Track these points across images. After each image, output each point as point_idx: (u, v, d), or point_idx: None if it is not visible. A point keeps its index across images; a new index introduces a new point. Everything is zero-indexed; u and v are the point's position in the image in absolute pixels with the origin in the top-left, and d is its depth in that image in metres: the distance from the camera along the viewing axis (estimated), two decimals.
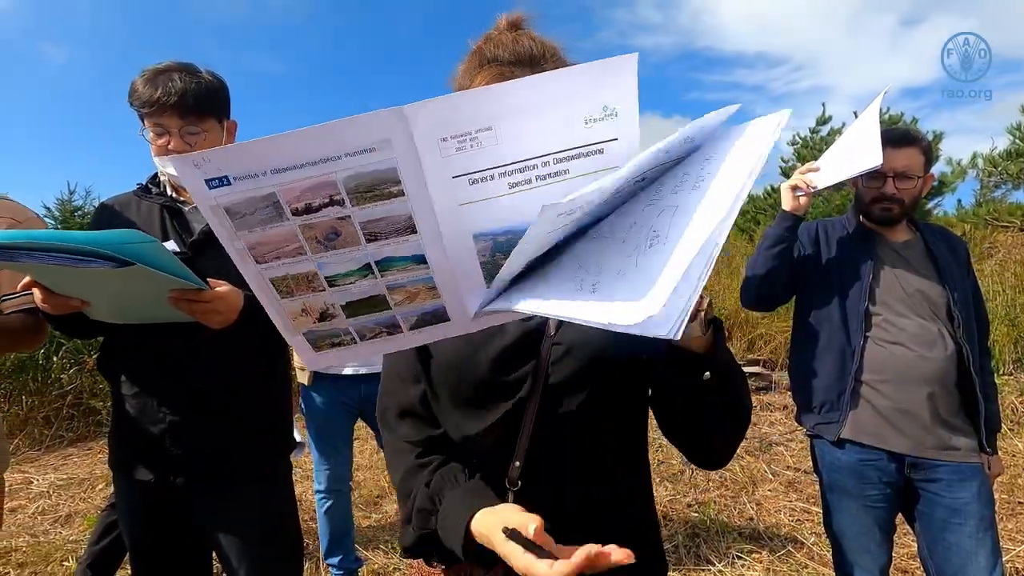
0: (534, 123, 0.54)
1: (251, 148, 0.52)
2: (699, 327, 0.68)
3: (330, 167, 0.53)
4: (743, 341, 6.03)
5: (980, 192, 9.09)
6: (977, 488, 1.48)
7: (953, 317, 1.53)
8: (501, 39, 0.79)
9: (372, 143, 0.52)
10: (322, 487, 2.33)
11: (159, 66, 1.32)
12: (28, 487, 3.61)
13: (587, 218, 0.59)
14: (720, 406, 0.75)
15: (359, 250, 0.59)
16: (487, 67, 0.78)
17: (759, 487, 3.39)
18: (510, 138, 0.55)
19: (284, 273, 0.61)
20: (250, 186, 0.54)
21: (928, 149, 1.64)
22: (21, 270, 1.04)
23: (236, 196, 0.55)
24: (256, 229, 0.57)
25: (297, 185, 0.54)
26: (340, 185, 0.54)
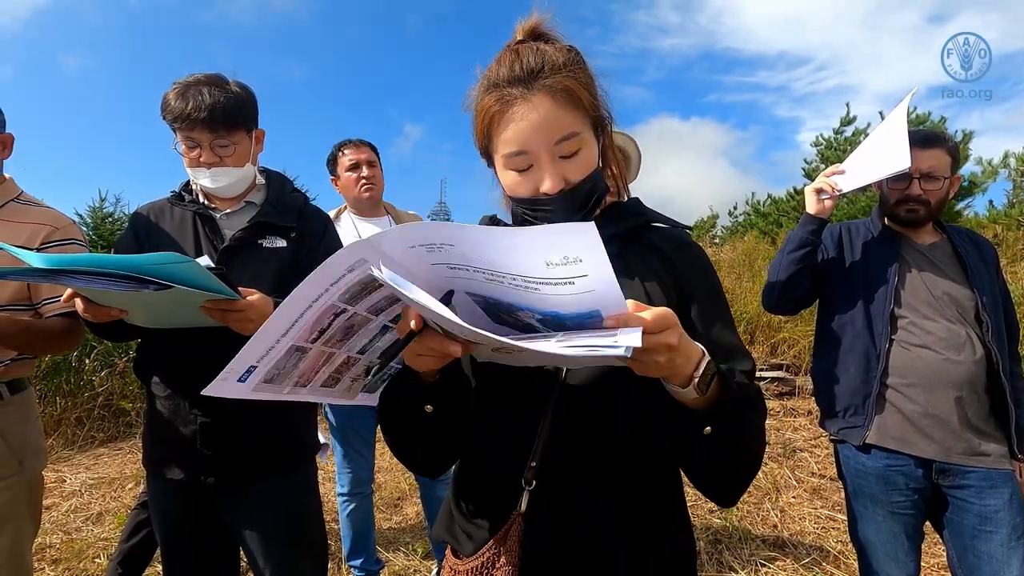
0: (494, 255, 0.56)
1: (259, 339, 0.63)
2: (693, 390, 0.64)
3: (323, 300, 0.62)
4: (766, 345, 5.94)
5: (1012, 192, 8.83)
6: (1009, 495, 1.44)
7: (982, 320, 1.49)
8: (503, 58, 0.80)
9: (349, 266, 0.60)
10: (345, 490, 2.36)
11: (189, 79, 1.36)
12: (61, 486, 3.72)
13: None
14: (722, 456, 0.72)
15: (373, 322, 0.69)
16: (490, 92, 0.79)
17: (783, 494, 3.33)
18: (475, 256, 0.58)
19: (327, 375, 0.72)
20: (271, 357, 0.65)
21: (955, 150, 1.61)
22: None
23: (265, 370, 0.67)
24: (291, 372, 0.69)
25: (305, 328, 0.64)
26: (337, 303, 0.64)
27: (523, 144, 0.77)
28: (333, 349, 0.69)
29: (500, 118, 0.78)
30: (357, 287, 0.62)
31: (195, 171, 1.40)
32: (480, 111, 0.81)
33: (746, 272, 7.44)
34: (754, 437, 0.74)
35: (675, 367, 0.61)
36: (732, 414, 0.69)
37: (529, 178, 0.79)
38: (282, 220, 1.44)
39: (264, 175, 1.54)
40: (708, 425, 0.67)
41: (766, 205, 11.74)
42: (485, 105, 0.79)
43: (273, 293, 1.29)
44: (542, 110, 0.76)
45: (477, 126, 0.83)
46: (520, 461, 0.77)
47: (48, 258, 0.95)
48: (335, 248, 1.53)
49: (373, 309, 0.67)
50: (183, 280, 0.98)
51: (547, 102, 0.76)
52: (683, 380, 0.63)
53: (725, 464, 0.74)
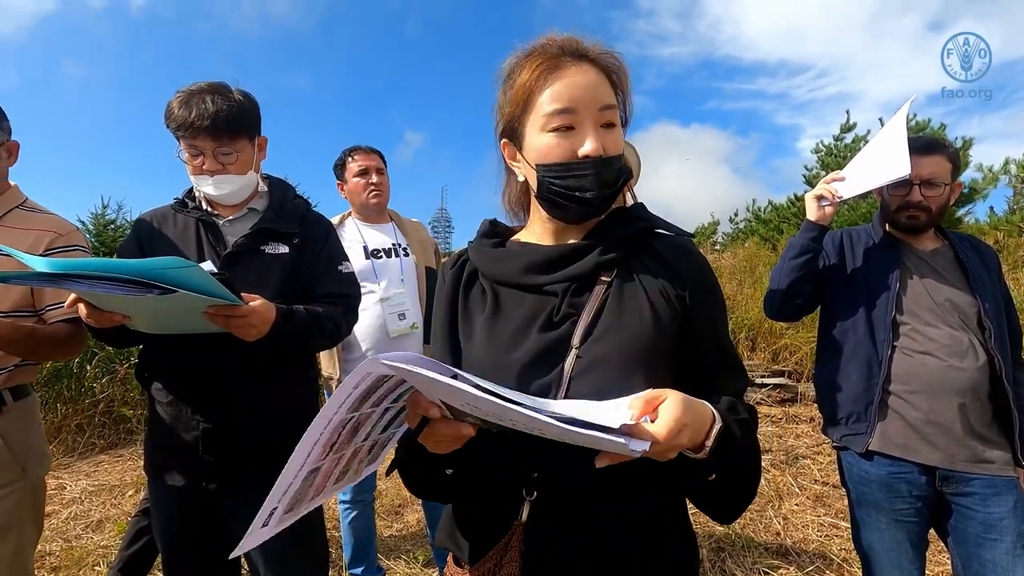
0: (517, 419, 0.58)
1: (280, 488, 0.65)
2: (704, 455, 0.66)
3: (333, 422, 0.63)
4: (767, 352, 5.93)
5: (1013, 199, 8.85)
6: (1013, 502, 1.43)
7: (984, 327, 1.49)
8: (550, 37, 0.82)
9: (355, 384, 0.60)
10: (347, 497, 2.35)
11: (192, 87, 1.37)
12: (61, 493, 3.71)
13: None
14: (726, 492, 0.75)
15: (376, 412, 0.69)
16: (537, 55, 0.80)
17: (785, 501, 3.32)
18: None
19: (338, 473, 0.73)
20: (291, 492, 0.67)
21: (955, 156, 1.61)
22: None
23: (284, 504, 0.68)
24: (308, 491, 0.70)
25: (317, 451, 0.65)
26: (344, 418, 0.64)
27: (571, 100, 0.78)
28: (343, 452, 0.69)
29: (549, 76, 0.79)
30: (362, 394, 0.63)
31: (198, 179, 1.41)
32: (522, 76, 0.81)
33: (747, 278, 7.44)
34: (754, 467, 0.77)
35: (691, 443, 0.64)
36: (737, 461, 0.71)
37: (568, 140, 0.79)
38: (284, 226, 1.45)
39: (267, 182, 1.55)
40: (713, 473, 0.70)
41: (767, 212, 11.77)
42: (530, 68, 0.80)
43: (276, 299, 1.29)
44: (591, 76, 0.79)
45: (514, 93, 0.82)
46: (522, 471, 0.77)
47: (52, 262, 0.95)
48: (337, 254, 1.54)
49: (376, 402, 0.67)
50: (187, 285, 0.99)
51: (595, 71, 0.79)
52: (695, 448, 0.66)
53: (728, 497, 0.77)
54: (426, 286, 2.35)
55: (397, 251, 2.35)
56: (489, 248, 0.90)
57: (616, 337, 0.77)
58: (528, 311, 0.82)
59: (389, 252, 2.33)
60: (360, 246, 2.29)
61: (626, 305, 0.79)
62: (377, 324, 2.22)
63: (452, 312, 0.89)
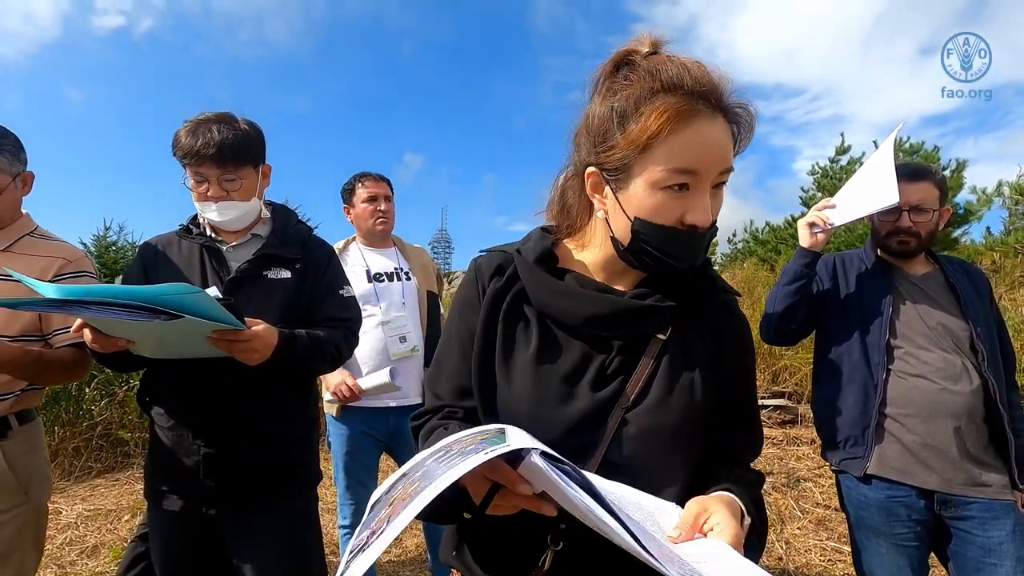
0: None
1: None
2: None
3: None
4: (767, 373, 5.92)
5: (1009, 220, 8.92)
6: (1012, 526, 1.43)
7: (977, 350, 1.51)
8: (683, 64, 0.69)
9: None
10: (346, 522, 2.34)
11: (200, 117, 1.41)
12: (57, 517, 3.67)
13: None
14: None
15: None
16: (671, 93, 0.68)
17: (788, 525, 3.29)
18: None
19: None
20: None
21: (942, 183, 1.65)
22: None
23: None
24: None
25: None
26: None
27: (698, 162, 0.69)
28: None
29: (679, 128, 0.68)
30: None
31: (203, 205, 1.44)
32: (655, 114, 0.68)
33: (746, 299, 7.46)
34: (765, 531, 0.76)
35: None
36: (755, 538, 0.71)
37: (679, 203, 0.70)
38: (287, 252, 1.48)
39: (270, 208, 1.58)
40: None
41: (764, 233, 11.84)
42: (658, 108, 0.68)
43: (278, 323, 1.31)
44: (723, 134, 0.70)
45: (636, 132, 0.70)
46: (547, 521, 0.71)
47: (61, 288, 0.97)
48: (338, 278, 1.57)
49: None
50: (193, 310, 1.01)
51: (727, 129, 0.70)
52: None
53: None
54: (427, 310, 2.37)
55: (399, 275, 2.38)
56: (546, 275, 0.81)
57: (665, 414, 0.75)
58: (578, 359, 0.78)
59: (391, 276, 2.36)
60: (363, 270, 2.32)
61: (678, 374, 0.77)
62: (378, 347, 2.24)
63: (490, 331, 0.81)
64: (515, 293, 0.82)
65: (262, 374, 1.27)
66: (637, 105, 0.70)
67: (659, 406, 0.75)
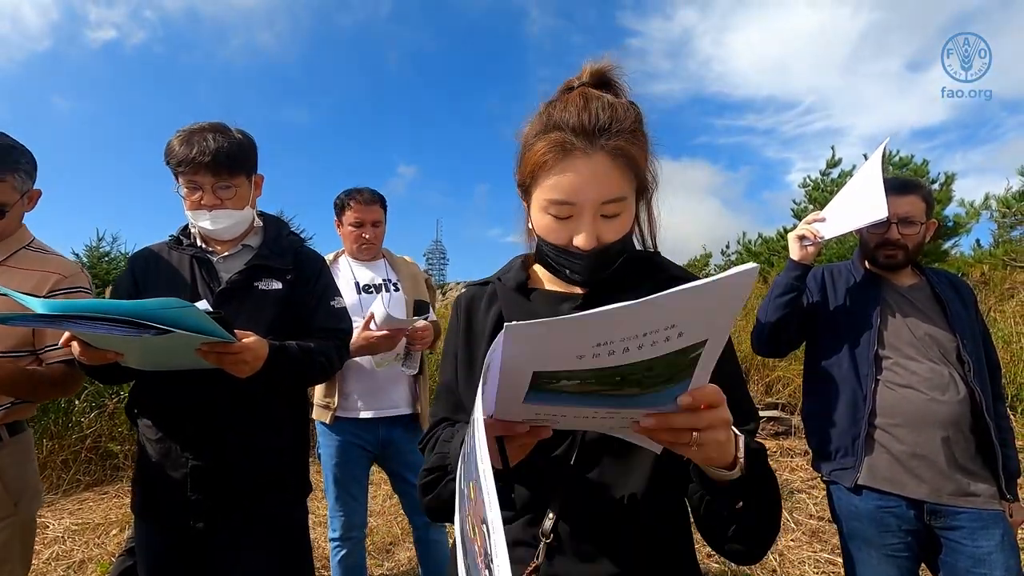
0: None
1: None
2: (739, 471, 0.65)
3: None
4: (761, 384, 5.94)
5: (997, 233, 9.04)
6: (1000, 536, 1.44)
7: (964, 361, 1.53)
8: (571, 101, 0.77)
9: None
10: (337, 534, 2.32)
11: (194, 127, 1.41)
12: (44, 532, 3.61)
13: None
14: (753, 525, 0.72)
15: None
16: (550, 133, 0.76)
17: (781, 537, 3.28)
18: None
19: None
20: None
21: (929, 196, 1.68)
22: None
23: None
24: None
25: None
26: None
27: (571, 196, 0.76)
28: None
29: (555, 163, 0.76)
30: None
31: (195, 213, 1.43)
32: (535, 149, 0.78)
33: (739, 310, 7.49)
34: (777, 499, 0.75)
35: (727, 448, 0.62)
36: (762, 485, 0.69)
37: (565, 227, 0.78)
38: (278, 263, 1.47)
39: (262, 219, 1.58)
40: (741, 500, 0.68)
41: (757, 244, 11.93)
42: (542, 146, 0.76)
43: (269, 334, 1.31)
44: (599, 169, 0.74)
45: (526, 161, 0.80)
46: (539, 513, 0.78)
47: (50, 304, 0.97)
48: (330, 289, 1.57)
49: None
50: (183, 324, 1.01)
51: (606, 162, 0.74)
52: (729, 463, 0.64)
53: (756, 532, 0.73)
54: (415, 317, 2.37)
55: (388, 286, 2.38)
56: (517, 296, 0.90)
57: None
58: None
59: (379, 287, 2.36)
60: (352, 283, 2.33)
61: None
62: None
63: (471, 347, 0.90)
64: (495, 314, 0.89)
65: (252, 386, 1.27)
66: (531, 137, 0.80)
67: None
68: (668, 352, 0.49)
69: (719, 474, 0.66)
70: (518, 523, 0.80)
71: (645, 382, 0.52)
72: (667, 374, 0.52)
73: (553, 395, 0.54)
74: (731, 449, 0.64)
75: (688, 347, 0.49)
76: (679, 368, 0.52)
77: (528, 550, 0.78)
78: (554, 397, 0.55)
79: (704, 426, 0.58)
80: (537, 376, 0.52)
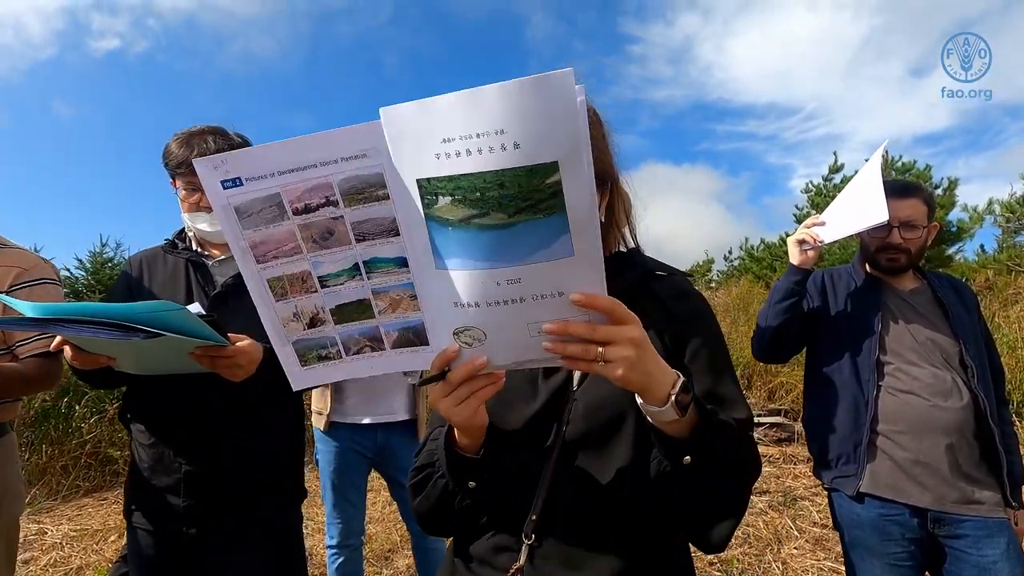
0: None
1: (261, 151, 0.61)
2: (672, 409, 0.64)
3: (328, 170, 0.60)
4: (763, 391, 5.90)
5: (1002, 238, 9.00)
6: (1006, 544, 1.42)
7: (967, 366, 1.51)
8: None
9: (362, 149, 0.59)
10: (334, 542, 2.30)
11: (192, 129, 1.41)
12: (42, 538, 3.61)
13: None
14: (701, 490, 0.71)
15: (349, 249, 0.65)
16: None
17: (784, 545, 3.25)
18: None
19: (281, 273, 0.67)
20: (258, 187, 0.63)
21: (931, 199, 1.66)
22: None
23: (246, 196, 0.63)
24: (260, 228, 0.65)
25: (299, 186, 0.62)
26: (335, 187, 0.61)
27: None
28: (303, 243, 0.65)
29: None
30: (359, 182, 0.60)
31: (194, 215, 1.43)
32: None
33: (741, 316, 7.47)
34: (736, 476, 0.73)
35: (647, 373, 0.62)
36: (712, 444, 0.68)
37: None
38: None
39: None
40: (688, 454, 0.67)
41: (760, 250, 11.91)
42: None
43: (263, 339, 1.30)
44: None
45: None
46: (521, 514, 0.78)
47: (39, 307, 0.96)
48: None
49: (359, 228, 0.63)
50: (174, 328, 0.99)
51: None
52: (660, 399, 0.64)
53: (705, 499, 0.72)
54: None
55: None
56: None
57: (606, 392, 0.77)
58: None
59: None
60: None
61: None
62: None
63: None
64: None
65: (247, 390, 1.26)
66: None
67: (598, 384, 0.78)
68: (513, 166, 0.52)
69: (657, 415, 0.65)
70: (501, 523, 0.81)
71: (506, 205, 0.54)
72: (525, 199, 0.54)
73: (446, 236, 0.58)
74: (661, 381, 0.64)
75: (536, 167, 0.52)
76: (540, 196, 0.53)
77: (511, 556, 0.78)
78: (449, 243, 0.58)
79: (602, 338, 0.59)
80: (422, 191, 0.57)
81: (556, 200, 0.54)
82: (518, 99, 0.50)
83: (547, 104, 0.50)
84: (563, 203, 0.54)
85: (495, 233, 0.56)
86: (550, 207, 0.54)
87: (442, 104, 0.52)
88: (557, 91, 0.49)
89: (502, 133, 0.51)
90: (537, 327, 0.61)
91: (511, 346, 0.64)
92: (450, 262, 0.60)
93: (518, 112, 0.50)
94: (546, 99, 0.49)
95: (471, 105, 0.51)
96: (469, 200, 0.55)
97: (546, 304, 0.59)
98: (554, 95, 0.49)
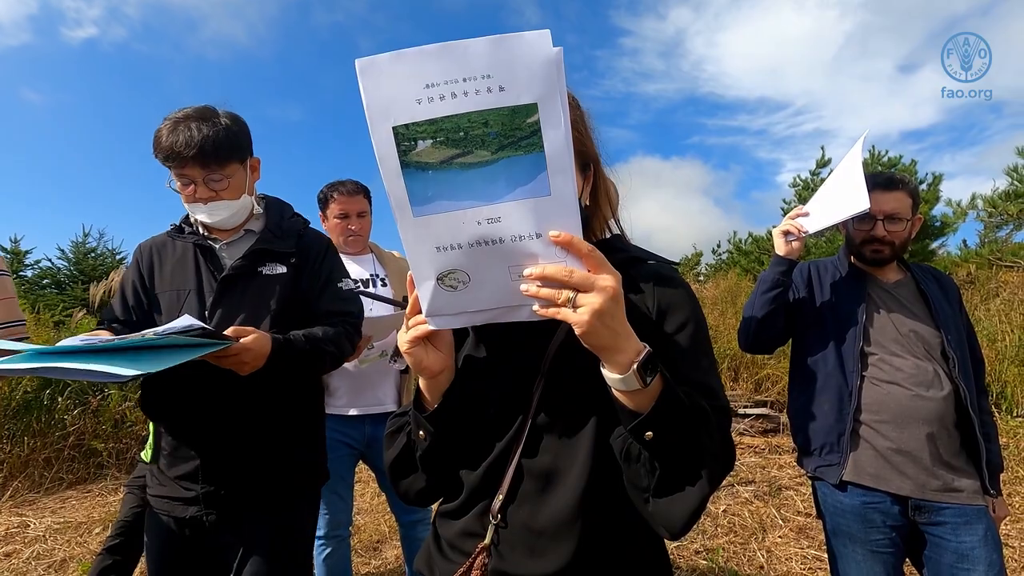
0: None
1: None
2: (634, 377, 0.63)
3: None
4: (750, 382, 5.96)
5: (984, 232, 9.14)
6: (983, 531, 1.45)
7: (948, 357, 1.53)
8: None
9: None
10: (321, 532, 2.29)
11: (178, 114, 1.34)
12: (24, 531, 3.56)
13: None
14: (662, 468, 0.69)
15: None
16: None
17: (769, 533, 3.29)
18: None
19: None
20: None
21: (915, 192, 1.68)
22: None
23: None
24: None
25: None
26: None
27: None
28: None
29: None
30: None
31: (192, 207, 1.40)
32: None
33: (729, 308, 7.53)
34: (700, 458, 0.70)
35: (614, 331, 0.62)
36: (674, 420, 0.66)
37: None
38: (281, 246, 1.45)
39: (263, 202, 1.54)
40: (650, 430, 0.66)
41: (748, 243, 11.99)
42: None
43: (275, 319, 1.32)
44: None
45: None
46: (490, 494, 0.79)
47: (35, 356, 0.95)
48: (337, 270, 1.53)
49: None
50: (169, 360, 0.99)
51: None
52: (623, 365, 0.64)
53: (666, 481, 0.70)
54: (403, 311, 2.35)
55: (375, 281, 2.36)
56: None
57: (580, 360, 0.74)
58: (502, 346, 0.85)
59: (366, 283, 2.34)
60: None
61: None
62: None
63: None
64: None
65: (262, 379, 1.26)
66: None
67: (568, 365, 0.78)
68: (498, 106, 0.57)
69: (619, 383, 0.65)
70: (470, 514, 0.82)
71: (490, 142, 0.59)
72: (508, 136, 0.59)
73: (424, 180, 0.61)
74: (625, 346, 0.64)
75: (519, 107, 0.57)
76: (522, 133, 0.58)
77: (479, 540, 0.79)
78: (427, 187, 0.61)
79: (577, 282, 0.61)
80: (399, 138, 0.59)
81: (535, 138, 0.58)
82: (505, 49, 0.56)
83: (528, 53, 0.56)
84: (541, 141, 0.58)
85: (477, 171, 0.60)
86: (530, 144, 0.59)
87: (427, 51, 0.56)
88: (536, 45, 0.56)
89: (489, 77, 0.56)
90: (519, 271, 0.64)
91: (494, 289, 0.66)
92: (429, 207, 0.62)
93: (504, 60, 0.56)
94: (527, 50, 0.56)
95: (459, 53, 0.56)
96: (452, 140, 0.59)
97: (525, 246, 0.62)
98: (534, 48, 0.56)
